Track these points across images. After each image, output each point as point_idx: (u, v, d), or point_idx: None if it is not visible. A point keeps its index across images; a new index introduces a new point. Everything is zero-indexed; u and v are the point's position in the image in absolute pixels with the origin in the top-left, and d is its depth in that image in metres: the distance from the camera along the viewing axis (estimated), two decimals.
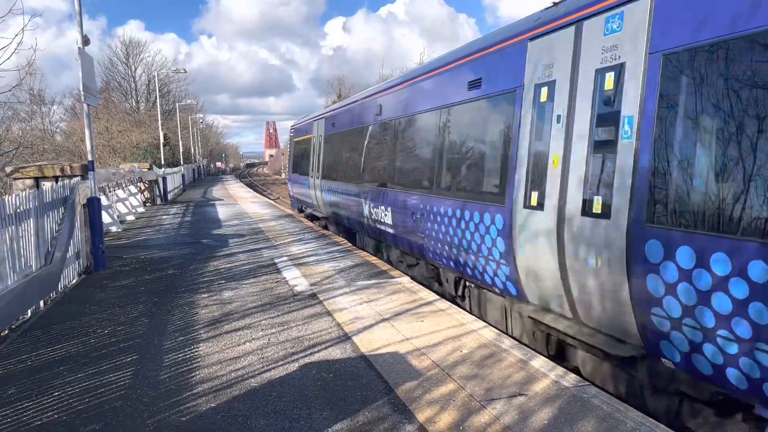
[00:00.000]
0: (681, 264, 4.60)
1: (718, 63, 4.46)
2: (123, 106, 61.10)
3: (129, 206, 23.30)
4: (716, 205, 4.41)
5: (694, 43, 4.64)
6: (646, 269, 4.93)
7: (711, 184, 4.47)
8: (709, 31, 4.52)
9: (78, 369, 6.07)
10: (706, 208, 4.47)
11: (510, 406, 4.90)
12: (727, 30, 4.38)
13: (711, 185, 4.47)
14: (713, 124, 4.51)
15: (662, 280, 4.78)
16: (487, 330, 6.98)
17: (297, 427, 4.63)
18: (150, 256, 13.19)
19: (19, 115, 44.80)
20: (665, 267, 4.75)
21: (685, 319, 4.64)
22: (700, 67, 4.61)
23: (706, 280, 4.41)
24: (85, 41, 11.38)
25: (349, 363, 6.00)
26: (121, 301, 9.00)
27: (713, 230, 4.39)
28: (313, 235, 15.85)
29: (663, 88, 4.90)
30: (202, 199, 34.37)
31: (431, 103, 9.64)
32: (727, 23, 4.39)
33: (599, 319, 5.73)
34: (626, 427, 4.47)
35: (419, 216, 9.69)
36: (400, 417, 4.76)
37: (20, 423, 4.87)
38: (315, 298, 8.66)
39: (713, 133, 4.51)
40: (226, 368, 5.95)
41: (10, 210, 7.99)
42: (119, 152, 46.24)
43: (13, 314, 7.69)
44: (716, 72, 4.48)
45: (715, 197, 4.42)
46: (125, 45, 67.77)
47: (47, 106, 52.66)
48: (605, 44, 5.58)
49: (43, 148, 42.61)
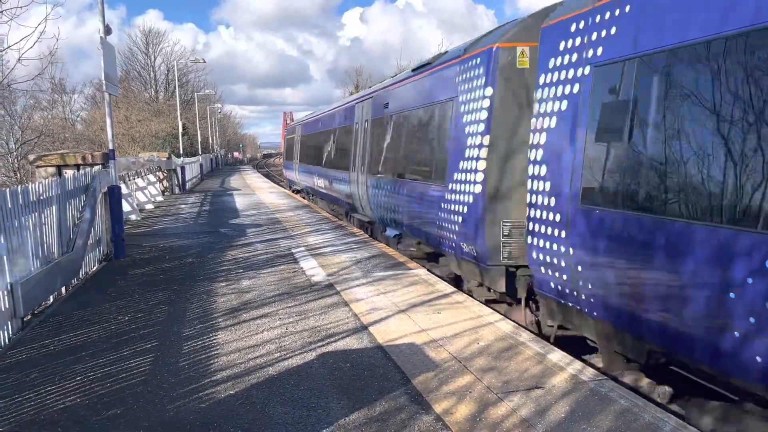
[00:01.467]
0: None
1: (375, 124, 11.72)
2: (142, 96, 61.53)
3: (148, 195, 23.53)
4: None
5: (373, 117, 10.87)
6: None
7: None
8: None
9: (99, 354, 6.17)
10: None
11: (527, 398, 4.89)
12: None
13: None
14: (375, 139, 11.85)
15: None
16: (504, 323, 6.96)
17: (314, 416, 4.67)
18: (169, 245, 13.32)
19: (41, 104, 45.39)
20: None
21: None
22: (374, 124, 11.93)
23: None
24: (107, 31, 11.47)
25: (366, 353, 6.03)
26: (140, 289, 9.11)
27: None
28: (329, 226, 15.90)
29: (370, 129, 12.76)
30: (220, 188, 34.60)
31: None
32: None
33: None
34: (644, 422, 4.45)
35: None
36: (417, 408, 4.77)
37: (44, 406, 4.96)
38: (332, 289, 8.70)
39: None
40: (245, 356, 6.01)
41: (34, 197, 8.11)
42: (138, 141, 46.62)
43: (36, 300, 7.81)
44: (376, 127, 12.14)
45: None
46: (145, 35, 68.16)
47: (68, 94, 53.26)
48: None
49: (64, 137, 43.12)
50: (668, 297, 4.97)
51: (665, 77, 5.10)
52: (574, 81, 6.32)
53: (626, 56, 5.52)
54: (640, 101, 5.38)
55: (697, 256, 4.62)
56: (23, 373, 5.71)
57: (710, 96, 4.62)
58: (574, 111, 6.28)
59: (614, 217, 5.55)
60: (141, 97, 60.02)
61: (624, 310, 5.57)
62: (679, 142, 4.89)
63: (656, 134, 5.19)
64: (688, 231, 4.71)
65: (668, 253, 4.89)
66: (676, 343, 5.03)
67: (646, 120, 5.29)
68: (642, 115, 5.35)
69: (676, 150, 4.92)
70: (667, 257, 4.91)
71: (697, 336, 4.74)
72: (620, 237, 5.47)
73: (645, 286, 5.22)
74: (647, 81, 5.32)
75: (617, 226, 5.51)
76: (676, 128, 4.92)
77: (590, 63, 6.06)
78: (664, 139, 5.07)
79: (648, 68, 5.30)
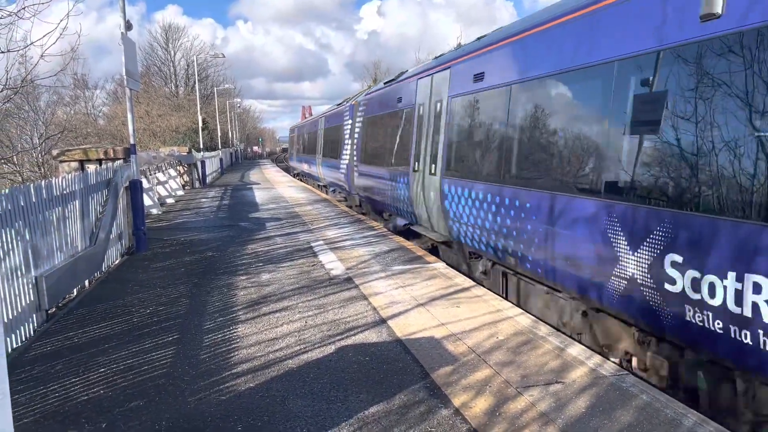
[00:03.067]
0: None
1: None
2: (163, 91, 62.06)
3: (169, 189, 23.76)
4: None
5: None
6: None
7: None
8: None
9: (122, 347, 6.25)
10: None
11: (546, 393, 4.87)
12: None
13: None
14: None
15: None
16: (524, 317, 6.93)
17: (334, 409, 4.70)
18: (189, 238, 13.45)
19: (64, 100, 45.98)
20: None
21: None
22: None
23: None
24: (127, 26, 11.56)
25: (385, 347, 6.04)
26: (162, 282, 9.22)
27: None
28: (348, 220, 15.93)
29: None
30: (240, 182, 34.82)
31: None
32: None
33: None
34: (666, 417, 4.41)
35: None
36: (436, 401, 4.78)
37: (68, 398, 5.05)
38: (351, 282, 8.72)
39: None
40: (265, 349, 6.05)
41: (57, 192, 8.23)
42: (159, 136, 47.06)
43: (61, 293, 7.94)
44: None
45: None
46: (165, 30, 68.77)
47: (90, 90, 53.89)
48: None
49: (87, 132, 43.61)
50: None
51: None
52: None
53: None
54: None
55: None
56: (48, 365, 5.81)
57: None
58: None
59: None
60: (161, 92, 60.53)
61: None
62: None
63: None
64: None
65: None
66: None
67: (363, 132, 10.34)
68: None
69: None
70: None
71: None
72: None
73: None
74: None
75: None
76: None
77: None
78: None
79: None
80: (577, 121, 6.90)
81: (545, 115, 7.59)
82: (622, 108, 5.93)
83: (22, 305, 6.77)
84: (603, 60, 6.25)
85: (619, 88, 5.98)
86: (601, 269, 6.09)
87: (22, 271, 6.90)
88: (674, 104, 5.25)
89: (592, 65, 6.48)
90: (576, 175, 6.77)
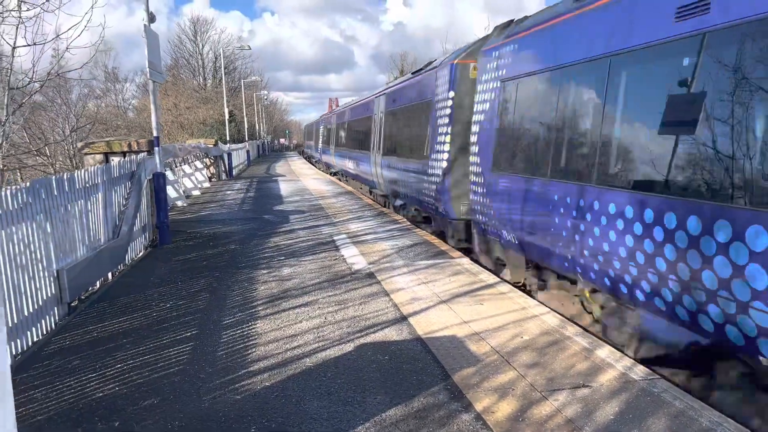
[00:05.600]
0: None
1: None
2: (191, 83, 62.58)
3: (195, 181, 23.89)
4: None
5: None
6: None
7: None
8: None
9: (139, 342, 6.20)
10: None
11: (573, 397, 4.65)
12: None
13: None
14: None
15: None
16: (550, 316, 6.70)
17: (350, 411, 4.55)
18: (213, 231, 13.44)
19: (95, 93, 46.63)
20: None
21: None
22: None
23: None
24: (150, 19, 11.53)
25: (405, 345, 5.87)
26: (183, 276, 9.18)
27: None
28: (372, 213, 15.78)
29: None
30: (265, 175, 34.92)
31: None
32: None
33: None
34: (700, 426, 4.16)
35: None
36: (457, 405, 4.59)
37: (84, 394, 4.99)
38: (373, 278, 8.57)
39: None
40: (283, 347, 5.93)
41: (80, 184, 8.22)
42: (187, 128, 47.46)
43: (83, 285, 7.94)
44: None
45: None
46: (193, 23, 69.30)
47: (120, 83, 54.60)
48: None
49: (117, 124, 44.19)
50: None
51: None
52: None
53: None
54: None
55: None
56: (66, 360, 5.78)
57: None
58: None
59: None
60: (189, 85, 61.07)
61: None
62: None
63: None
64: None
65: None
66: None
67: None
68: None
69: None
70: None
71: None
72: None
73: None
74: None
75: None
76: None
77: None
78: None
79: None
80: None
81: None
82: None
83: (44, 298, 6.77)
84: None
85: None
86: None
87: (44, 264, 6.89)
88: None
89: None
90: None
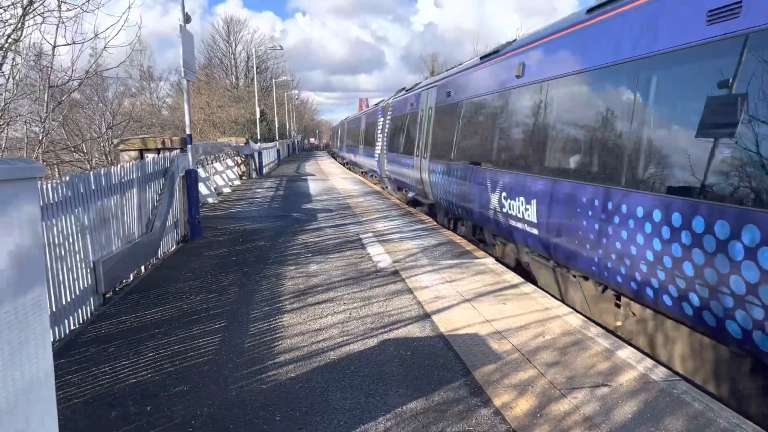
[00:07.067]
0: None
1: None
2: (223, 83, 63.50)
3: (226, 179, 24.29)
4: None
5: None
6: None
7: None
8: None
9: (171, 332, 6.42)
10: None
11: (592, 396, 4.71)
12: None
13: None
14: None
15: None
16: (573, 316, 6.73)
17: (372, 403, 4.68)
18: (243, 228, 13.71)
19: (130, 91, 47.64)
20: None
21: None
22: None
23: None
24: (186, 19, 11.83)
25: (428, 342, 5.98)
26: (213, 270, 9.42)
27: None
28: (398, 213, 15.90)
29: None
30: (295, 173, 35.29)
31: None
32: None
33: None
34: (718, 427, 4.18)
35: None
36: (476, 400, 4.69)
37: (118, 380, 5.21)
38: (397, 276, 8.69)
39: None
40: (308, 340, 6.09)
41: (116, 180, 8.51)
42: (218, 127, 48.21)
43: (117, 277, 8.22)
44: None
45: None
46: (227, 23, 70.31)
47: (155, 81, 55.68)
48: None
49: (151, 122, 45.10)
50: None
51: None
52: None
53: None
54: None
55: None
56: (101, 347, 6.02)
57: None
58: None
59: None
60: (222, 84, 61.96)
61: None
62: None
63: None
64: None
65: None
66: None
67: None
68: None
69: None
70: None
71: None
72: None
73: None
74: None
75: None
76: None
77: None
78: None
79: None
80: None
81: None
82: None
83: (81, 288, 7.04)
84: None
85: None
86: None
87: (81, 256, 7.16)
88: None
89: None
90: None
